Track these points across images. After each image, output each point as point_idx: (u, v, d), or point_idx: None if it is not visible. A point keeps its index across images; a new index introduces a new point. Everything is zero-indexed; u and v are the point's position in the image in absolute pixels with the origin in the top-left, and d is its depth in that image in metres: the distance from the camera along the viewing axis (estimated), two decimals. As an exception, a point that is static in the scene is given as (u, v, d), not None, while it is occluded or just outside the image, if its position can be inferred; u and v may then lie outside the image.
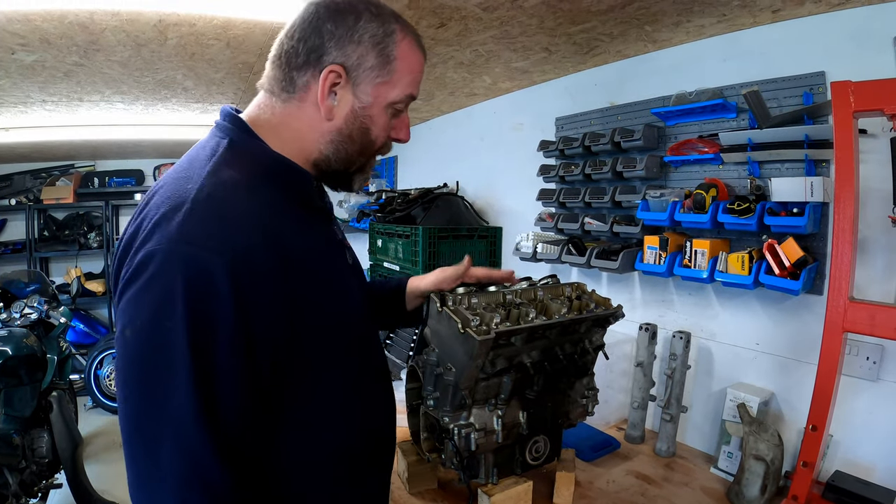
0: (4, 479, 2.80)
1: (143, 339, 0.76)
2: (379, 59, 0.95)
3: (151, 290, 0.76)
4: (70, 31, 2.01)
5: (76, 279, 4.82)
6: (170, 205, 0.81)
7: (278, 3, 1.75)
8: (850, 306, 1.34)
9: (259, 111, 1.00)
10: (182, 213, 0.79)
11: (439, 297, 1.34)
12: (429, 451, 1.56)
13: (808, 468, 1.39)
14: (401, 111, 1.03)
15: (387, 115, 1.00)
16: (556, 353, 1.45)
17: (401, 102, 1.00)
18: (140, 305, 0.77)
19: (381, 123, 1.00)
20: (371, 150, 1.03)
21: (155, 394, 0.75)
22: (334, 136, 0.98)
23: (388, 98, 0.98)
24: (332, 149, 0.99)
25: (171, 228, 0.78)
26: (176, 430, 0.74)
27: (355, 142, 0.99)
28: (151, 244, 0.77)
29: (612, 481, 1.74)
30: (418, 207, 3.10)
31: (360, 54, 0.94)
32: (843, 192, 1.35)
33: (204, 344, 0.76)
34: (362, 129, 0.99)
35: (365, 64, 0.94)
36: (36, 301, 3.54)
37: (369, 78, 0.95)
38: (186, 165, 0.90)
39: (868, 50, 1.57)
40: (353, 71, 0.94)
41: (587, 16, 1.87)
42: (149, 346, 0.76)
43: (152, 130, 4.18)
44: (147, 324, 0.76)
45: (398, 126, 1.04)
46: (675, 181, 2.11)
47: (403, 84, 0.99)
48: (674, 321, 2.15)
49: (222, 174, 0.87)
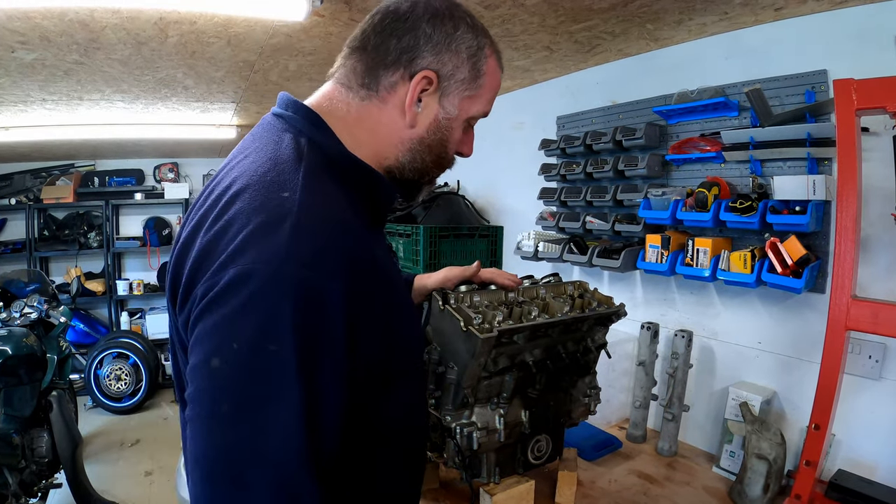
0: (4, 478, 2.79)
1: (239, 367, 0.67)
2: (471, 72, 0.91)
3: (252, 314, 0.67)
4: (70, 28, 2.01)
5: (76, 279, 4.81)
6: (266, 216, 0.72)
7: (280, 0, 1.74)
8: (853, 304, 1.33)
9: (332, 105, 0.91)
10: (287, 229, 0.70)
11: (441, 295, 1.34)
12: (431, 451, 1.55)
13: (811, 467, 1.39)
14: (471, 126, 1.00)
15: (461, 131, 0.96)
16: (558, 351, 1.45)
17: (476, 118, 0.97)
18: (235, 330, 0.67)
19: (458, 137, 0.97)
20: (444, 162, 0.99)
21: (253, 429, 0.66)
22: (415, 144, 0.93)
23: (471, 112, 0.95)
24: (409, 157, 0.93)
25: (275, 245, 0.69)
26: (277, 468, 0.66)
27: (433, 153, 0.95)
28: (248, 261, 0.68)
29: (614, 480, 1.74)
30: (419, 206, 3.10)
31: (455, 64, 0.90)
32: (845, 190, 1.35)
33: (312, 373, 0.68)
34: (441, 141, 0.94)
35: (458, 75, 0.90)
36: (36, 300, 3.53)
37: (459, 90, 0.91)
38: (271, 166, 0.79)
39: (870, 48, 1.57)
40: (445, 80, 0.90)
41: (589, 14, 1.87)
42: (246, 373, 0.67)
43: (152, 130, 4.17)
44: (246, 350, 0.67)
45: (466, 141, 1.00)
46: (676, 180, 2.11)
47: (485, 100, 0.96)
48: (676, 320, 2.15)
49: (320, 184, 0.79)
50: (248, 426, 0.66)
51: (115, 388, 4.96)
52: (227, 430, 0.66)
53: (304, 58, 2.44)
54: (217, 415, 0.67)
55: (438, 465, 1.61)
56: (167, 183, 6.27)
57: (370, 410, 0.85)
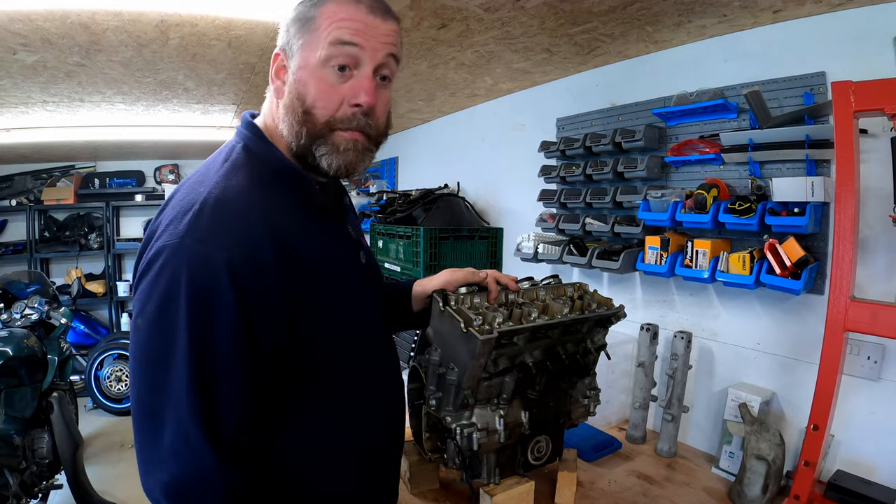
0: (5, 479, 2.79)
1: (150, 325, 0.82)
2: (299, 25, 0.95)
3: (159, 282, 0.82)
4: (72, 31, 2.01)
5: (77, 280, 4.81)
6: (182, 206, 0.87)
7: (280, 3, 1.74)
8: (852, 305, 1.34)
9: (267, 116, 1.04)
10: (192, 213, 0.84)
11: (442, 297, 1.34)
12: (431, 451, 1.56)
13: (810, 467, 1.40)
14: (344, 69, 0.94)
15: (326, 79, 0.93)
16: (558, 352, 1.46)
17: (334, 57, 0.92)
18: (150, 295, 0.83)
19: (320, 87, 0.93)
20: (315, 119, 0.95)
21: (158, 375, 0.81)
22: (283, 111, 0.97)
23: (316, 57, 0.92)
24: (285, 125, 0.97)
25: (181, 227, 0.84)
26: (174, 409, 0.80)
27: (296, 111, 0.95)
28: (162, 240, 0.84)
29: (614, 481, 1.74)
30: (419, 208, 3.11)
31: (288, 32, 0.97)
32: (843, 192, 1.35)
33: (203, 330, 0.81)
34: (299, 97, 0.94)
35: (291, 37, 0.96)
36: (36, 302, 3.53)
37: (296, 47, 0.95)
38: (203, 171, 0.96)
39: (868, 50, 1.58)
40: (288, 49, 0.96)
41: (588, 16, 1.88)
42: (155, 331, 0.82)
43: (153, 131, 4.18)
44: (154, 311, 0.82)
45: (354, 89, 0.94)
46: (676, 181, 2.12)
47: (326, 36, 0.92)
48: (675, 321, 2.15)
49: (233, 178, 0.91)
50: (158, 373, 0.81)
51: (116, 389, 4.96)
52: (144, 376, 0.83)
53: None
54: (140, 363, 0.84)
55: (438, 465, 1.61)
56: (168, 184, 6.29)
57: (300, 395, 0.94)
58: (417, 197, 3.28)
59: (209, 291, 0.81)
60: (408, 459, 1.63)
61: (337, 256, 1.04)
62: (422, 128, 4.18)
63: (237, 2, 1.77)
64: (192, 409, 0.80)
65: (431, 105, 3.49)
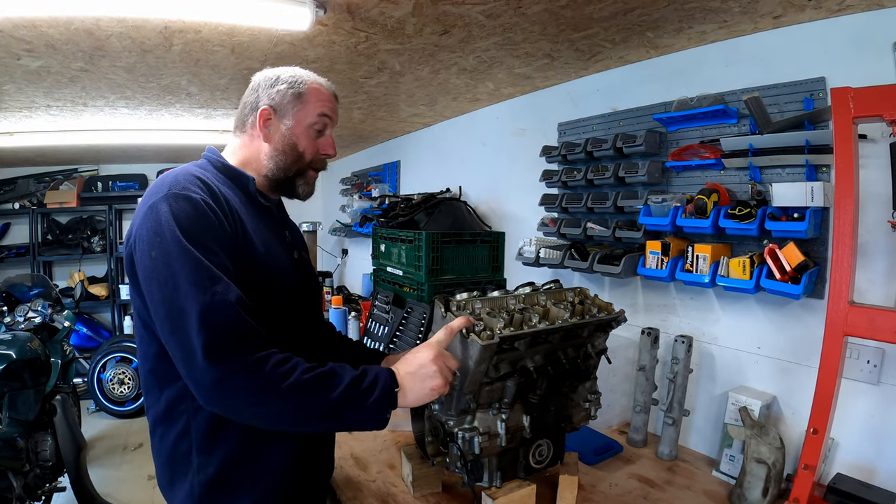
0: (8, 482, 2.81)
1: (160, 249, 1.07)
2: (293, 95, 1.34)
3: (154, 216, 1.10)
4: (76, 37, 2.03)
5: (80, 283, 4.84)
6: (162, 180, 1.20)
7: (283, 10, 1.76)
8: (851, 310, 1.34)
9: (229, 146, 1.42)
10: (170, 180, 1.18)
11: (443, 303, 1.35)
12: (433, 455, 1.57)
13: (810, 471, 1.40)
14: (321, 132, 1.38)
15: (309, 135, 1.36)
16: (559, 357, 1.47)
17: (317, 123, 1.36)
18: (150, 230, 1.10)
19: (306, 141, 1.36)
20: (303, 161, 1.37)
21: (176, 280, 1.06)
22: (272, 152, 1.36)
23: (307, 122, 1.35)
24: (273, 163, 1.36)
25: (160, 186, 1.16)
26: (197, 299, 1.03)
27: (288, 154, 1.35)
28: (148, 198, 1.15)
29: (615, 485, 1.75)
30: (421, 212, 3.11)
31: (280, 95, 1.34)
32: (843, 197, 1.36)
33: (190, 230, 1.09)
34: (291, 145, 1.35)
35: (284, 101, 1.34)
36: (39, 305, 3.55)
37: (290, 109, 1.34)
38: (176, 168, 1.26)
39: (868, 56, 1.59)
40: (278, 108, 1.34)
41: (589, 22, 1.89)
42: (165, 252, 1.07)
43: (156, 135, 4.19)
44: (158, 235, 1.08)
45: (325, 144, 1.39)
46: (676, 186, 2.13)
47: (315, 110, 1.35)
48: (676, 325, 2.16)
49: (195, 169, 1.25)
50: (172, 281, 1.05)
51: (118, 392, 4.97)
52: (164, 287, 1.06)
53: (307, 66, 2.41)
54: (159, 281, 1.07)
55: (441, 469, 1.62)
56: (170, 187, 6.28)
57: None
58: (419, 201, 3.28)
59: (193, 210, 1.11)
60: (410, 463, 1.64)
61: (267, 238, 1.31)
62: (424, 132, 4.20)
63: (240, 9, 1.78)
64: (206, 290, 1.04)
65: (433, 109, 3.51)
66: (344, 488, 1.69)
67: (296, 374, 1.04)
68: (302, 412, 1.06)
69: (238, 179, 1.34)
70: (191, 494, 1.21)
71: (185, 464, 1.22)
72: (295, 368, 1.05)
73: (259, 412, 1.05)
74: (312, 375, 1.06)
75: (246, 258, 1.19)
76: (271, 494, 1.27)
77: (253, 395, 1.02)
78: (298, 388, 1.03)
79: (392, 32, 2.03)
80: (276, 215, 1.44)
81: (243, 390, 1.01)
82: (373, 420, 1.11)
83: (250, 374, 1.01)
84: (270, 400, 1.02)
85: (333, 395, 1.06)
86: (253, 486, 1.24)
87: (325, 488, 1.53)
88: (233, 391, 1.01)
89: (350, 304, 3.99)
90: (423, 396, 1.17)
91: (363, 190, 5.06)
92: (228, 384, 1.00)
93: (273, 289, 1.25)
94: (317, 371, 1.08)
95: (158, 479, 1.31)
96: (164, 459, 1.26)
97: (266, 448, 1.25)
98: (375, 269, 3.02)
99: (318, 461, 1.45)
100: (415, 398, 1.17)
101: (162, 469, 1.28)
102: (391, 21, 1.92)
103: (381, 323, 2.74)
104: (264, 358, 1.03)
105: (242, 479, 1.23)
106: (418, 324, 2.44)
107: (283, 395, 1.02)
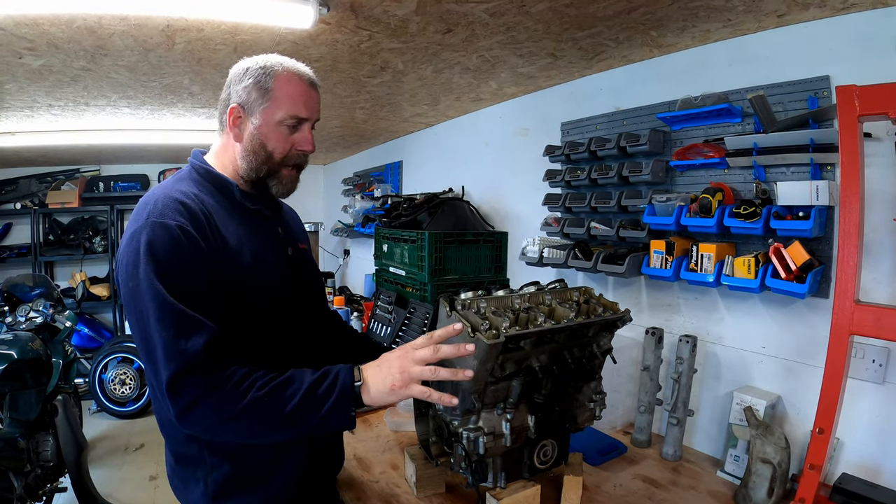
0: (9, 482, 2.80)
1: (137, 281, 1.10)
2: (260, 91, 1.28)
3: (134, 246, 1.12)
4: (78, 35, 2.03)
5: (81, 283, 4.85)
6: (144, 203, 1.21)
7: (286, 8, 1.75)
8: (857, 309, 1.34)
9: (213, 147, 1.41)
10: (150, 206, 1.19)
11: (448, 301, 1.34)
12: (437, 455, 1.56)
13: (815, 471, 1.39)
14: (295, 128, 1.32)
15: (280, 132, 1.31)
16: (564, 357, 1.46)
17: (288, 119, 1.30)
18: (129, 260, 1.12)
19: (276, 138, 1.31)
20: (273, 161, 1.33)
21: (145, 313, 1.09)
22: (243, 152, 1.33)
23: (275, 118, 1.29)
24: (244, 163, 1.33)
25: (143, 215, 1.17)
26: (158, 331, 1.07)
27: (258, 154, 1.32)
28: (132, 227, 1.17)
29: (619, 485, 1.74)
30: (424, 212, 3.11)
31: (247, 92, 1.28)
32: (848, 196, 1.35)
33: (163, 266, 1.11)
34: (261, 144, 1.31)
35: (251, 98, 1.29)
36: (41, 305, 3.55)
37: (257, 109, 1.29)
38: (161, 185, 1.30)
39: (873, 54, 1.58)
40: (247, 105, 1.29)
41: (593, 21, 1.88)
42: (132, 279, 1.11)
43: (158, 135, 4.19)
44: (128, 266, 1.12)
45: (300, 140, 1.34)
46: (680, 185, 2.12)
47: (285, 105, 1.29)
48: (680, 325, 2.15)
49: (179, 184, 1.28)
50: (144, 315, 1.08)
51: (120, 392, 4.97)
52: (139, 319, 1.10)
53: (310, 64, 2.41)
54: (135, 311, 1.11)
55: (445, 469, 1.61)
56: (171, 188, 6.28)
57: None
58: (422, 201, 3.28)
59: (167, 238, 1.12)
60: (414, 463, 1.63)
61: (256, 243, 1.32)
62: (426, 132, 4.19)
63: (243, 7, 1.77)
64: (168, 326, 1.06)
65: (436, 109, 3.50)
66: (347, 489, 1.68)
67: (252, 390, 1.07)
68: (265, 426, 1.09)
69: (223, 188, 1.34)
70: (205, 493, 1.26)
71: (198, 463, 1.27)
72: (253, 385, 1.08)
73: (228, 430, 1.09)
74: (267, 390, 1.08)
75: (230, 271, 1.22)
76: (286, 489, 1.32)
77: (216, 418, 1.06)
78: (255, 403, 1.06)
79: (395, 31, 2.03)
80: (265, 215, 1.42)
81: (206, 417, 1.06)
82: (336, 422, 1.12)
83: (208, 401, 1.05)
84: (232, 420, 1.06)
85: (292, 405, 1.08)
86: (267, 482, 1.28)
87: (335, 483, 1.59)
88: (197, 419, 1.06)
89: (352, 304, 3.99)
90: (382, 393, 1.16)
91: (365, 190, 5.06)
92: (192, 414, 1.05)
93: (260, 294, 1.28)
94: (272, 384, 1.09)
95: (170, 478, 1.34)
96: (175, 459, 1.31)
97: (278, 444, 1.29)
98: (378, 270, 3.02)
99: (330, 457, 1.49)
100: (377, 394, 1.16)
101: (173, 469, 1.33)
102: (394, 20, 1.91)
103: (384, 323, 2.74)
104: (222, 381, 1.06)
105: (257, 476, 1.28)
106: (421, 324, 2.44)
107: (240, 414, 1.05)
